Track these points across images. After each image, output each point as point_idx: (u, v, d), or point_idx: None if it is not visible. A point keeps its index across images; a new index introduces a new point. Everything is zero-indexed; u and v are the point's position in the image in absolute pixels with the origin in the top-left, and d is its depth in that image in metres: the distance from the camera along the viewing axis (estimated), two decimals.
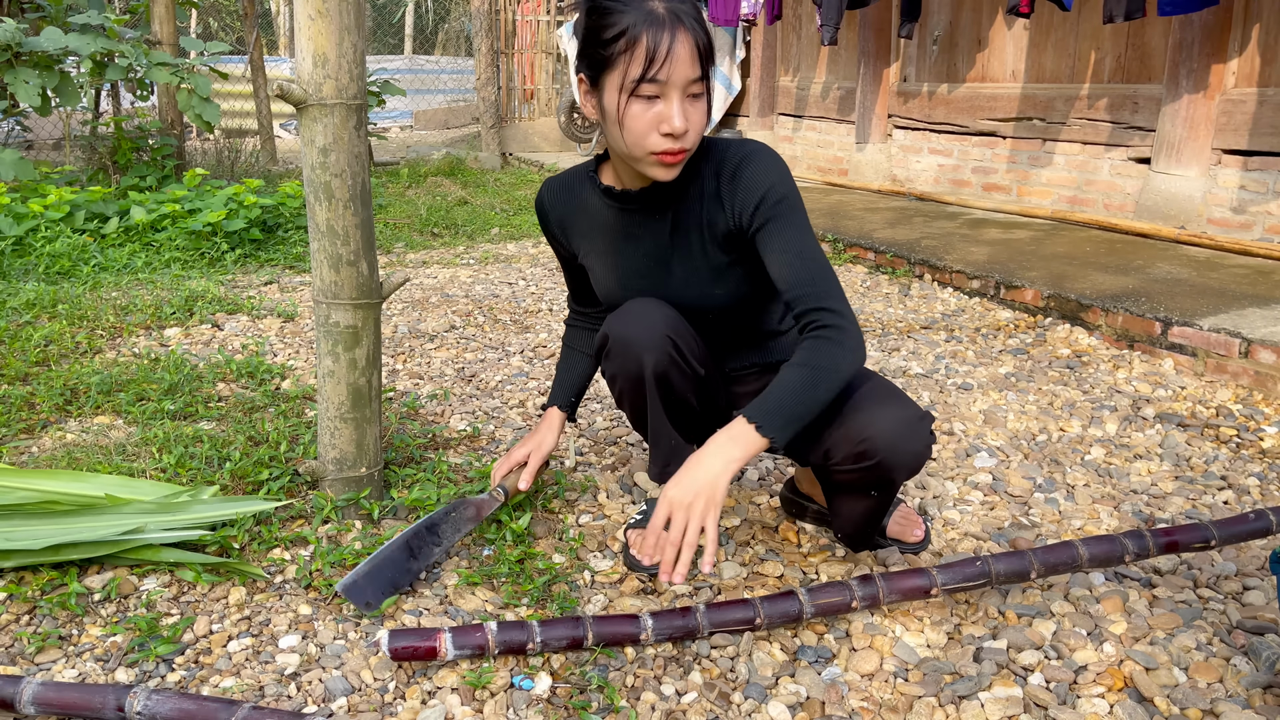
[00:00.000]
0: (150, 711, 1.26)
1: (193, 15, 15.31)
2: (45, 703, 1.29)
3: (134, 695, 1.27)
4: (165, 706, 1.26)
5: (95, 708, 1.28)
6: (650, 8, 1.35)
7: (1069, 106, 4.83)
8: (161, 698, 1.27)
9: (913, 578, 1.53)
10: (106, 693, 1.28)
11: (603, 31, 1.37)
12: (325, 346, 1.79)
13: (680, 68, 1.35)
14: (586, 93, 1.46)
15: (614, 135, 1.43)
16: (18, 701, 1.28)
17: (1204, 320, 2.77)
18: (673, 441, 1.65)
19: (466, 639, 1.41)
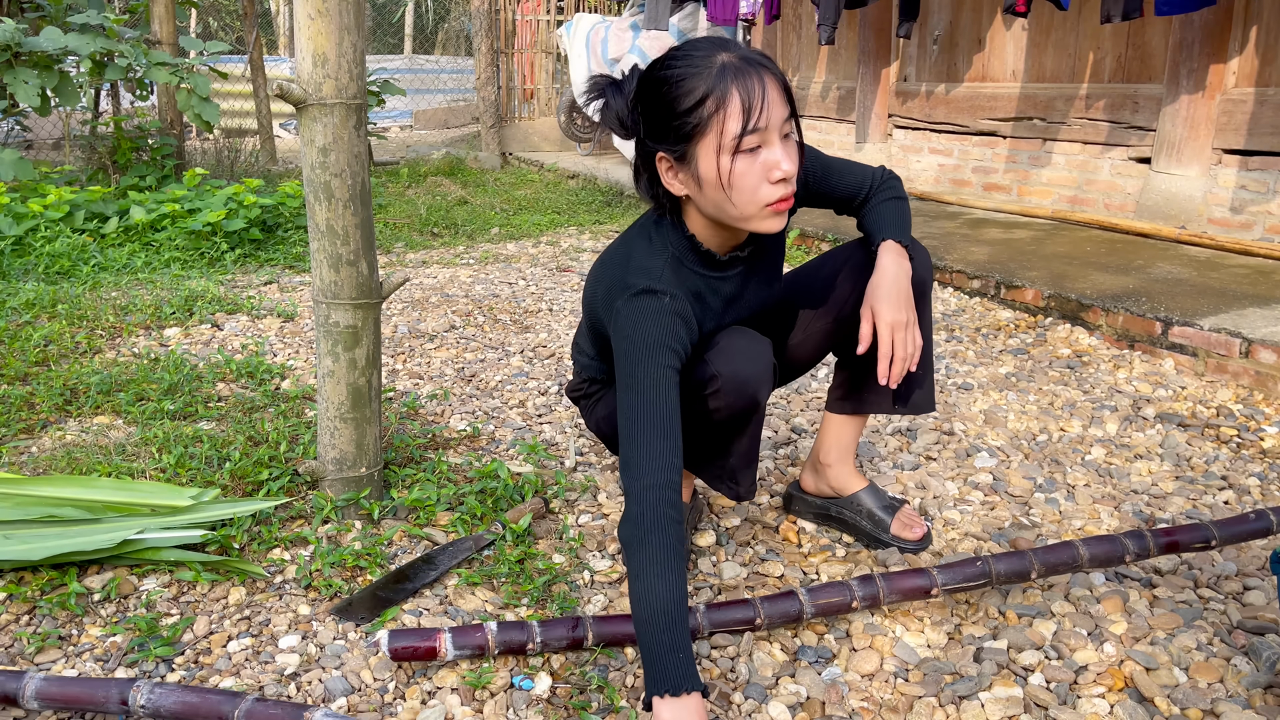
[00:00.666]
0: (154, 705, 1.26)
1: (192, 15, 15.31)
2: (48, 698, 1.28)
3: (137, 689, 1.27)
4: (169, 700, 1.26)
5: (99, 702, 1.28)
6: (723, 61, 1.31)
7: (1069, 106, 4.83)
8: (164, 691, 1.27)
9: (913, 578, 1.53)
10: (110, 686, 1.28)
11: (680, 101, 1.32)
12: (325, 346, 1.79)
13: (775, 110, 1.32)
14: (670, 169, 1.40)
15: (718, 201, 1.37)
16: (21, 696, 1.28)
17: (1204, 320, 2.77)
18: (757, 459, 1.67)
19: (466, 639, 1.41)
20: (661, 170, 1.41)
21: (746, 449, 1.62)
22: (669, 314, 1.38)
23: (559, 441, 2.28)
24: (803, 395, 2.59)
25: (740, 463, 1.63)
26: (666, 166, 1.40)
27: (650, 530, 1.23)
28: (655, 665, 1.16)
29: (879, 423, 2.39)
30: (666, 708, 1.15)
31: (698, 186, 1.38)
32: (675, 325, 1.38)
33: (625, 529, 1.26)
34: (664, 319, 1.37)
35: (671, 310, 1.39)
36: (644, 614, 1.19)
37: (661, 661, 1.16)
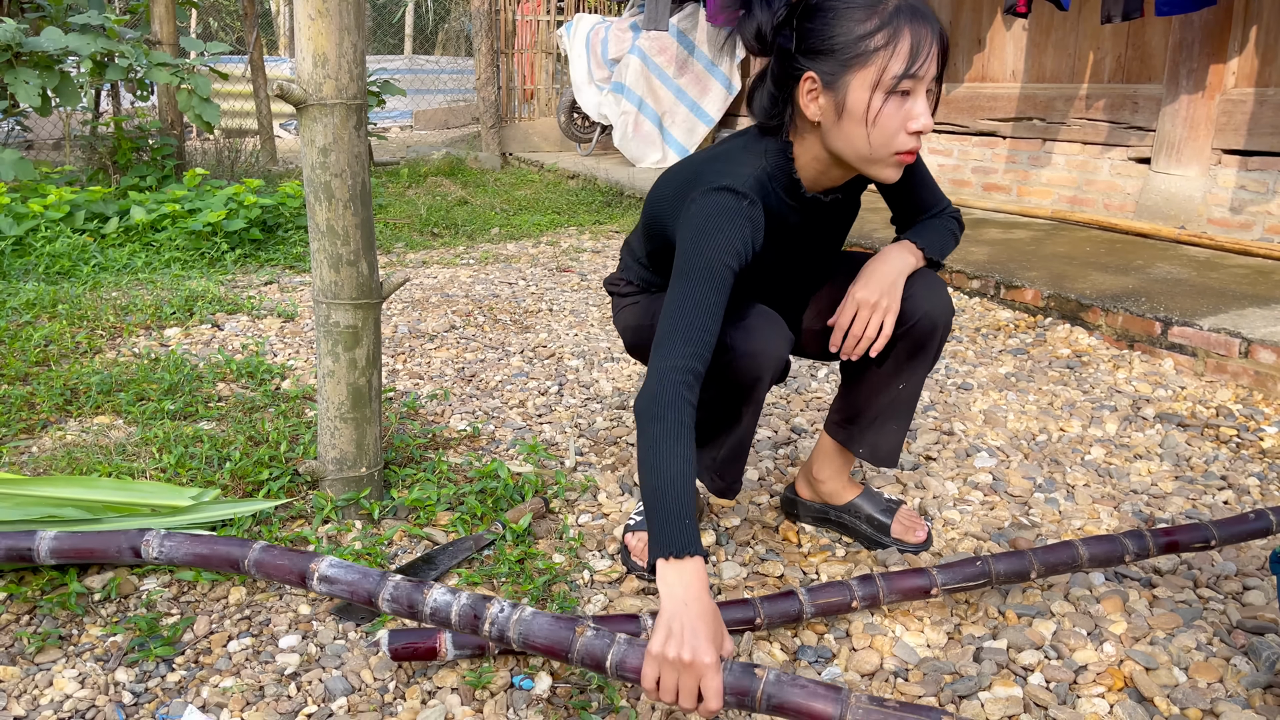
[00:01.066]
0: (167, 554, 1.28)
1: (193, 15, 15.31)
2: (63, 553, 1.30)
3: (148, 541, 1.28)
4: (180, 550, 1.28)
5: (112, 553, 1.29)
6: (899, 3, 1.32)
7: (1069, 106, 4.83)
8: (176, 541, 1.29)
9: (913, 578, 1.53)
10: (121, 538, 1.29)
11: (853, 28, 1.32)
12: (325, 346, 1.79)
13: (933, 66, 1.34)
14: (813, 92, 1.37)
15: (851, 136, 1.37)
16: (36, 554, 1.29)
17: (1204, 320, 2.77)
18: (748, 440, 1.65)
19: (467, 639, 1.41)
20: (802, 91, 1.38)
21: (737, 441, 1.62)
22: (744, 216, 1.36)
23: (559, 441, 2.28)
24: (802, 395, 2.59)
25: (728, 455, 1.63)
26: (810, 88, 1.38)
27: (667, 406, 1.26)
28: (662, 530, 1.20)
29: None
30: (670, 569, 1.18)
31: (836, 116, 1.37)
32: (745, 229, 1.36)
33: (642, 402, 1.28)
34: (738, 220, 1.35)
35: (747, 214, 1.36)
36: (654, 482, 1.23)
37: (668, 527, 1.20)
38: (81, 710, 1.34)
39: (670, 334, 1.31)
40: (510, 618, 1.23)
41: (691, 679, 1.11)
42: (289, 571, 1.33)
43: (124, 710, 1.34)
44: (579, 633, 1.20)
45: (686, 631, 1.12)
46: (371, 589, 1.29)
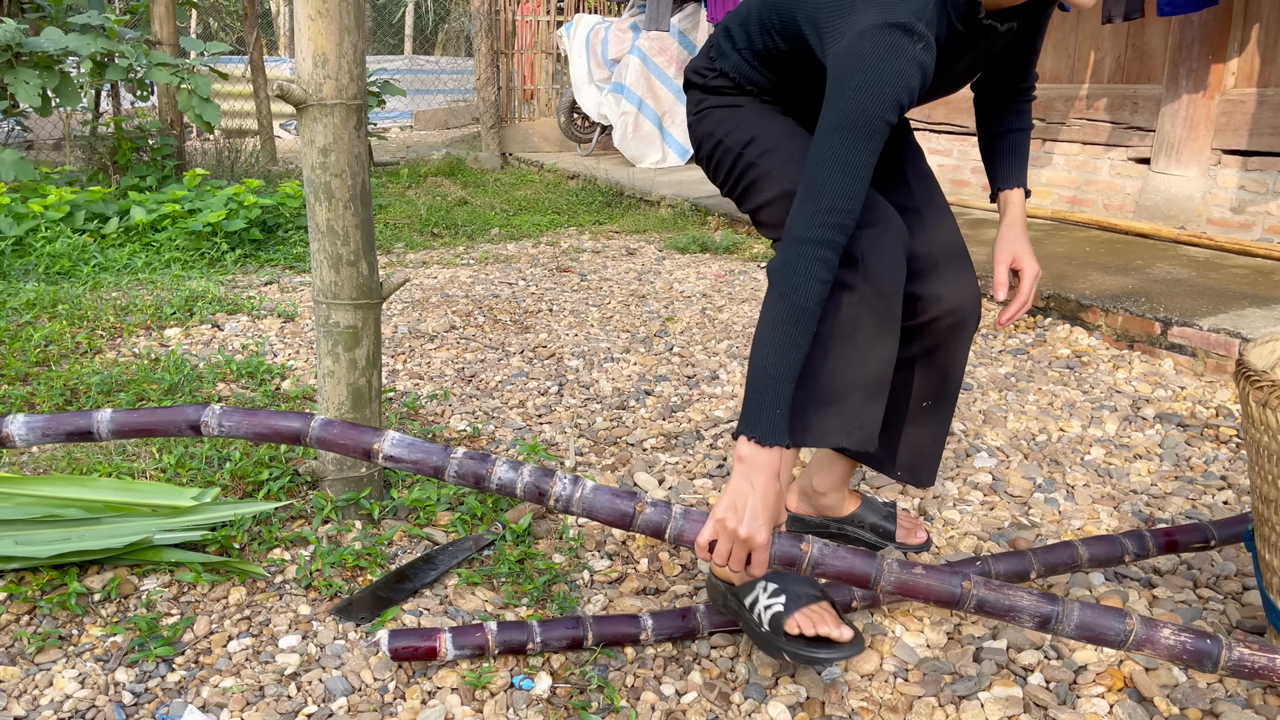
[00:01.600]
0: (229, 430, 1.32)
1: (193, 15, 15.31)
2: (122, 431, 1.33)
3: (206, 422, 1.32)
4: (242, 426, 1.33)
5: (172, 429, 1.33)
6: None
7: (1069, 106, 4.83)
8: (236, 418, 1.35)
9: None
10: (181, 413, 1.33)
11: None
12: (325, 346, 1.79)
13: None
14: None
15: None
16: (96, 431, 1.32)
17: (1204, 320, 2.77)
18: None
19: (466, 639, 1.41)
20: None
21: (875, 372, 1.42)
22: (915, 64, 1.22)
23: (559, 441, 2.28)
24: None
25: (864, 395, 1.41)
26: None
27: (797, 287, 1.22)
28: (753, 411, 1.23)
29: None
30: (749, 449, 1.23)
31: None
32: (914, 79, 1.23)
33: (775, 267, 1.25)
34: (910, 69, 1.22)
35: (919, 60, 1.23)
36: (762, 364, 1.24)
37: (761, 412, 1.23)
38: (81, 710, 1.34)
39: (815, 197, 1.21)
40: (574, 495, 1.30)
41: (743, 551, 1.23)
42: (353, 448, 1.34)
43: (124, 710, 1.34)
44: (639, 510, 1.28)
45: (748, 511, 1.21)
46: (438, 463, 1.32)
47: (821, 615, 1.31)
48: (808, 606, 1.32)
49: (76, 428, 1.37)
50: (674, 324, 3.26)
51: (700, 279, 3.96)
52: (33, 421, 1.38)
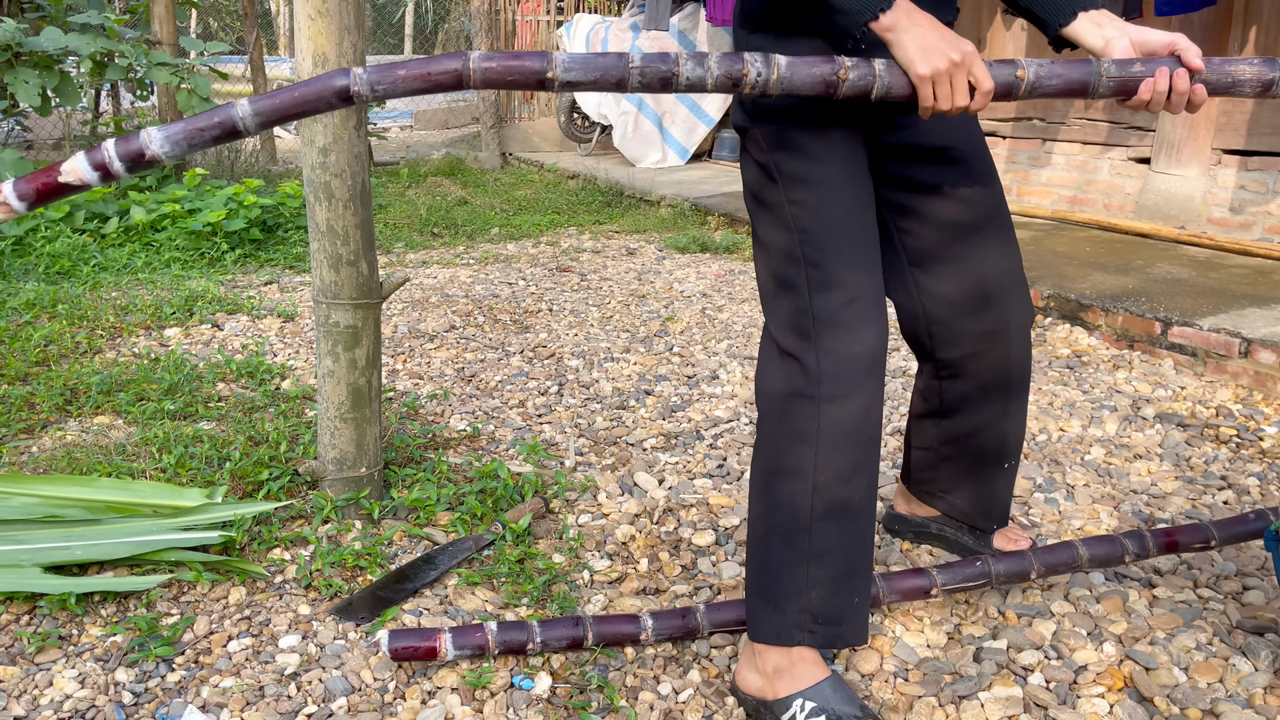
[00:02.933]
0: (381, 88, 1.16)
1: (193, 15, 15.31)
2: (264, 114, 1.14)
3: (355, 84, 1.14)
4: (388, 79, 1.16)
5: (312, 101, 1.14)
6: None
7: (1069, 106, 4.83)
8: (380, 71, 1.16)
9: (912, 578, 1.53)
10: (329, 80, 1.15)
11: None
12: (325, 346, 1.79)
13: None
14: None
15: None
16: (240, 124, 1.13)
17: (1204, 320, 2.77)
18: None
19: (466, 639, 1.41)
20: None
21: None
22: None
23: (559, 441, 2.28)
24: None
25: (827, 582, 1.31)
26: None
27: None
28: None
29: None
30: (888, 16, 1.15)
31: None
32: None
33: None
34: None
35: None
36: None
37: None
38: (81, 710, 1.34)
39: None
40: (770, 76, 1.18)
41: (962, 76, 1.15)
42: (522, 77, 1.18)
43: (124, 710, 1.34)
44: (842, 76, 1.17)
45: (940, 41, 1.14)
46: (619, 75, 1.18)
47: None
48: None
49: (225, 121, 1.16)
50: (674, 324, 3.26)
51: (700, 279, 3.96)
52: (171, 132, 1.16)
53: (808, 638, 1.31)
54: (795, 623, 1.31)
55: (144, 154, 1.15)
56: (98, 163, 1.14)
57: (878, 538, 1.83)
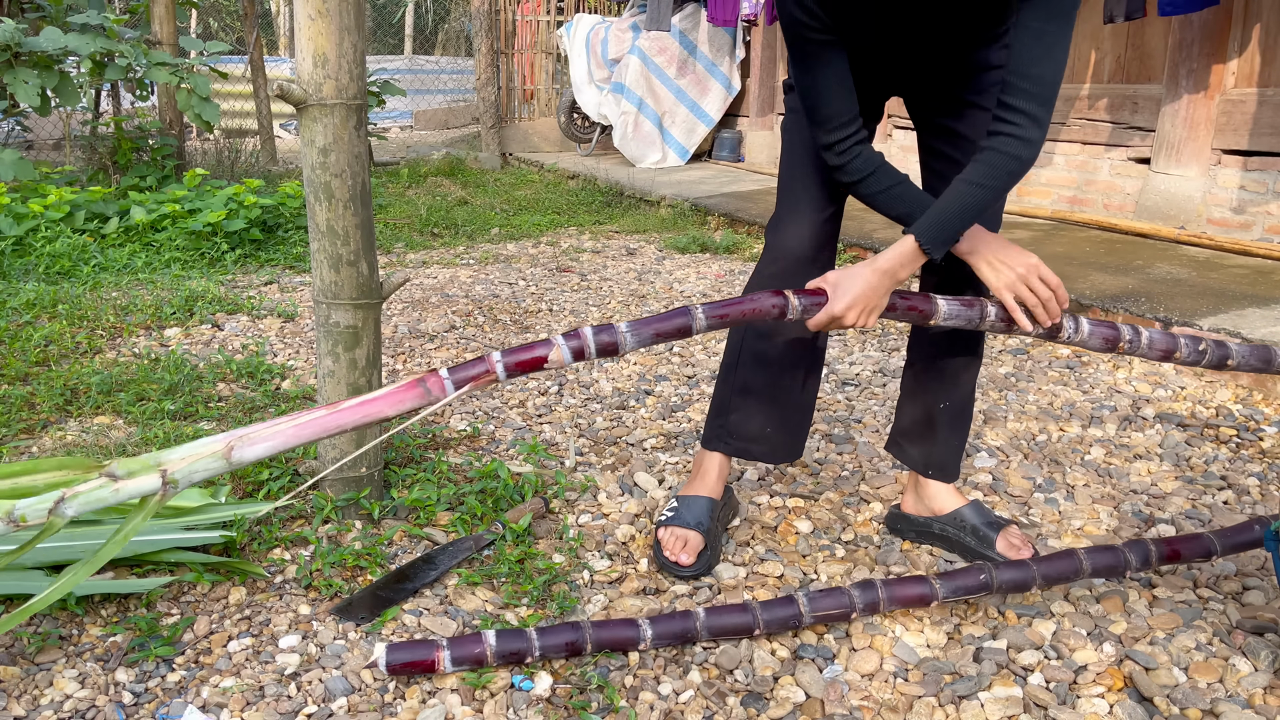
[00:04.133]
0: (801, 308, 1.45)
1: (193, 15, 15.30)
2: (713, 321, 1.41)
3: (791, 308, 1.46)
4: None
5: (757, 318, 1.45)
6: None
7: (1069, 106, 4.83)
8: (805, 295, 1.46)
9: (914, 586, 1.52)
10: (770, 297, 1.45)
11: None
12: (325, 346, 1.79)
13: None
14: None
15: None
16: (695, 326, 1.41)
17: (1203, 320, 2.77)
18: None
19: (464, 651, 1.39)
20: None
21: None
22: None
23: (559, 441, 2.28)
24: None
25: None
26: None
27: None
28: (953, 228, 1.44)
29: (879, 422, 2.40)
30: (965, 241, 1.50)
31: None
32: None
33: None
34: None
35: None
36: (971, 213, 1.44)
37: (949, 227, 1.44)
38: (81, 710, 1.34)
39: None
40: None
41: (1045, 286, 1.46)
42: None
43: (124, 710, 1.34)
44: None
45: (1018, 254, 1.46)
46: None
47: None
48: None
49: (684, 325, 1.41)
50: None
51: (700, 279, 3.96)
52: (640, 330, 1.40)
53: (722, 446, 1.77)
54: (715, 434, 1.78)
55: (616, 345, 1.38)
56: (576, 349, 1.37)
57: (877, 536, 1.83)
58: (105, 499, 1.26)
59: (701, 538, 1.70)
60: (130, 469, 1.27)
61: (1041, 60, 1.34)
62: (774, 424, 1.75)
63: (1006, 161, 1.38)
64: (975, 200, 1.40)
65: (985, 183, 1.39)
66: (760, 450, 1.77)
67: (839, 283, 1.43)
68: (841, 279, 1.44)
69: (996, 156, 1.38)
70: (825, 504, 1.96)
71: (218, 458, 1.29)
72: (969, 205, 1.41)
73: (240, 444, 1.29)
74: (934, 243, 1.42)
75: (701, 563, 1.68)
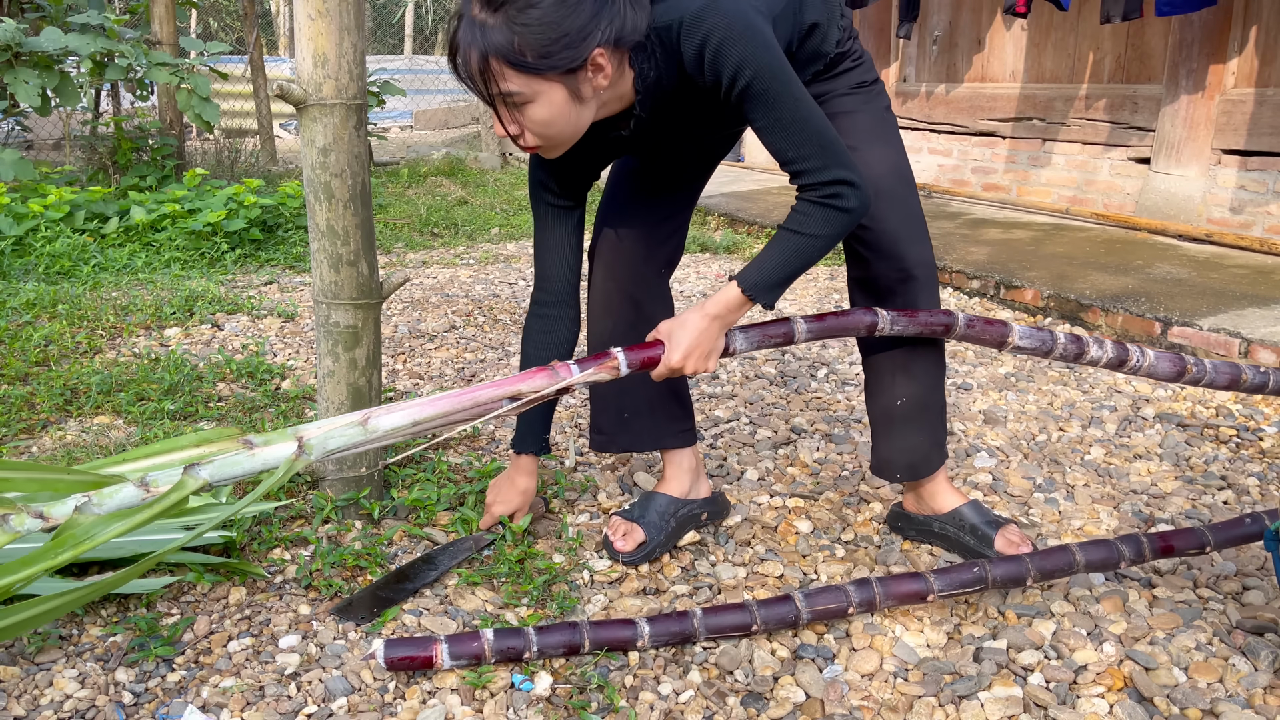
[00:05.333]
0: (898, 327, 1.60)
1: (193, 15, 15.30)
2: (815, 333, 1.56)
3: (881, 321, 1.61)
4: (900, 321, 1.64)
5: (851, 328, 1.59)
6: None
7: (1069, 106, 4.83)
8: (898, 316, 1.61)
9: (909, 582, 1.53)
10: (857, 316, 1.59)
11: None
12: (325, 346, 1.79)
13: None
14: None
15: None
16: (798, 336, 1.56)
17: (1203, 320, 2.77)
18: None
19: (463, 648, 1.40)
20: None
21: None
22: None
23: (559, 441, 2.28)
24: (802, 395, 2.59)
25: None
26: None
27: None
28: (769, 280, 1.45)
29: None
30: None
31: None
32: None
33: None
34: None
35: None
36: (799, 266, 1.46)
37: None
38: (81, 710, 1.34)
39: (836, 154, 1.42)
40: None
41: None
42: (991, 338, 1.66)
43: (124, 710, 1.34)
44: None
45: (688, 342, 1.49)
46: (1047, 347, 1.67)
47: None
48: None
49: (788, 333, 1.55)
50: None
51: (700, 279, 3.96)
52: (749, 335, 1.53)
53: (594, 440, 1.91)
54: (589, 429, 1.92)
55: (729, 348, 1.52)
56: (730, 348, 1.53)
57: (877, 536, 1.83)
58: (241, 463, 1.30)
59: (643, 531, 1.74)
60: (268, 438, 1.31)
61: (794, 140, 1.38)
62: (630, 409, 1.82)
63: (820, 210, 1.40)
64: (794, 246, 1.42)
65: (801, 230, 1.41)
66: (627, 440, 1.84)
67: (671, 333, 1.47)
68: (674, 329, 1.47)
69: (809, 206, 1.41)
70: (825, 504, 1.96)
71: (354, 426, 1.33)
72: (788, 251, 1.43)
73: (377, 414, 1.34)
74: (756, 288, 1.44)
75: (640, 553, 1.72)
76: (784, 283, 1.45)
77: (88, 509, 1.25)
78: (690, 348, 1.46)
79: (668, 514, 1.78)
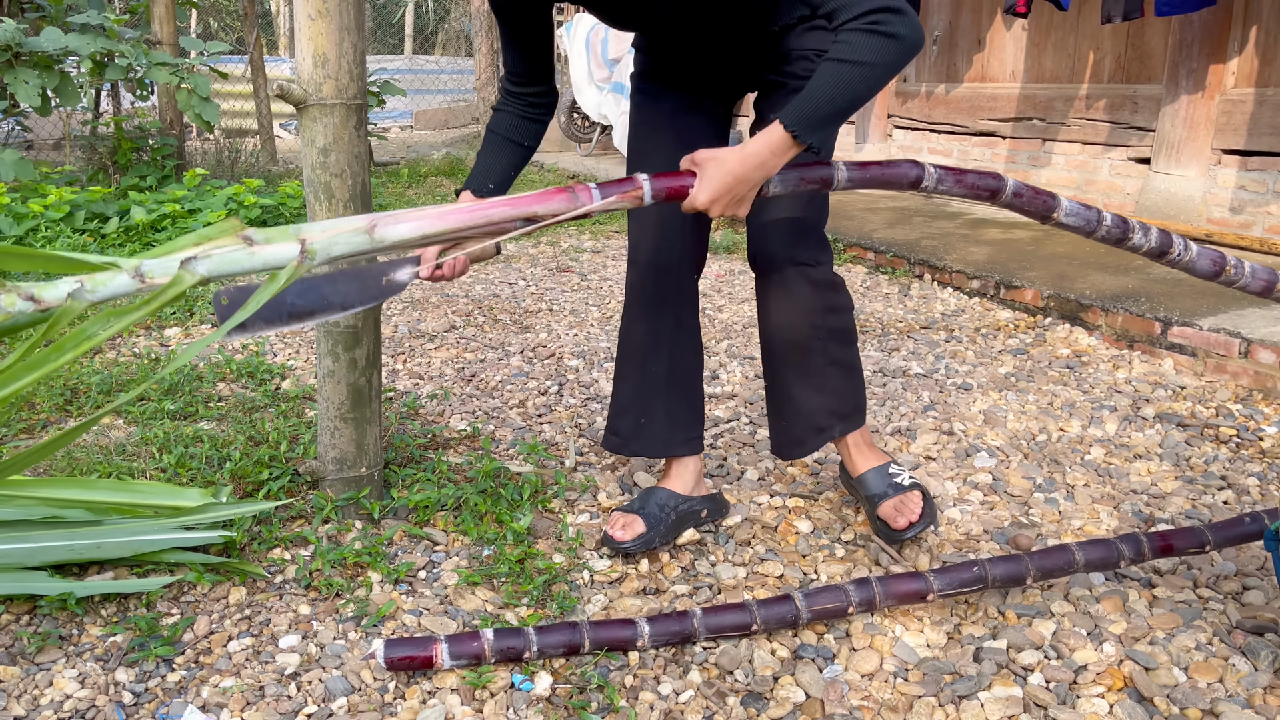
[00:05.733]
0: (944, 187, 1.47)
1: (193, 15, 15.30)
2: (855, 180, 1.43)
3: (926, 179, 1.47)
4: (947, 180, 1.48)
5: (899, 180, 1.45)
6: None
7: (1069, 106, 4.83)
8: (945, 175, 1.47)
9: (909, 582, 1.53)
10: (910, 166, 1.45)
11: None
12: (325, 346, 1.79)
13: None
14: None
15: None
16: (837, 181, 1.42)
17: (1204, 320, 2.77)
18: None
19: (463, 648, 1.40)
20: None
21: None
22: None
23: (559, 441, 2.28)
24: None
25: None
26: None
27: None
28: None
29: (878, 422, 2.40)
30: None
31: None
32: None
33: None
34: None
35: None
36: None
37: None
38: (81, 710, 1.34)
39: None
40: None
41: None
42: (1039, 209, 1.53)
43: (124, 710, 1.34)
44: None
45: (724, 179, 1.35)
46: (1091, 226, 1.52)
47: None
48: None
49: (827, 176, 1.42)
50: None
51: (700, 279, 3.96)
52: (785, 175, 1.38)
53: (607, 440, 1.88)
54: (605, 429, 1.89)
55: (763, 190, 1.40)
56: None
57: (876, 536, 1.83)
58: (240, 260, 1.19)
59: (643, 523, 1.74)
60: (269, 236, 1.21)
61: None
62: (647, 415, 1.80)
63: (866, 37, 1.26)
64: (843, 76, 1.27)
65: (848, 58, 1.26)
66: (639, 445, 1.83)
67: (705, 169, 1.31)
68: (709, 165, 1.31)
69: (853, 35, 1.26)
70: (825, 504, 1.96)
71: (360, 233, 1.22)
72: (835, 83, 1.27)
73: (385, 222, 1.24)
74: (801, 124, 1.29)
75: (638, 542, 1.72)
76: (833, 119, 1.29)
77: (80, 294, 1.16)
78: (721, 191, 1.31)
79: (668, 507, 1.78)
